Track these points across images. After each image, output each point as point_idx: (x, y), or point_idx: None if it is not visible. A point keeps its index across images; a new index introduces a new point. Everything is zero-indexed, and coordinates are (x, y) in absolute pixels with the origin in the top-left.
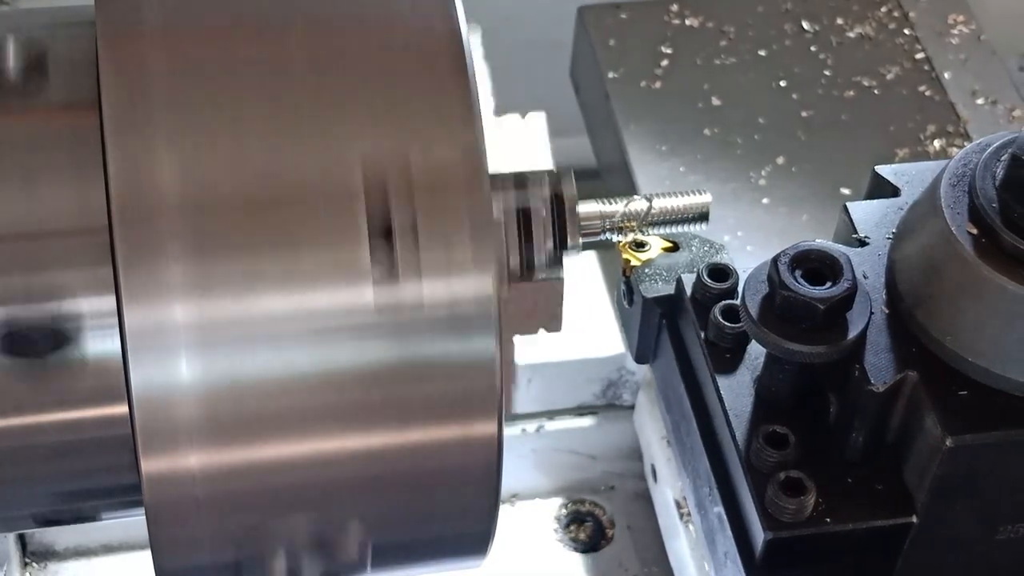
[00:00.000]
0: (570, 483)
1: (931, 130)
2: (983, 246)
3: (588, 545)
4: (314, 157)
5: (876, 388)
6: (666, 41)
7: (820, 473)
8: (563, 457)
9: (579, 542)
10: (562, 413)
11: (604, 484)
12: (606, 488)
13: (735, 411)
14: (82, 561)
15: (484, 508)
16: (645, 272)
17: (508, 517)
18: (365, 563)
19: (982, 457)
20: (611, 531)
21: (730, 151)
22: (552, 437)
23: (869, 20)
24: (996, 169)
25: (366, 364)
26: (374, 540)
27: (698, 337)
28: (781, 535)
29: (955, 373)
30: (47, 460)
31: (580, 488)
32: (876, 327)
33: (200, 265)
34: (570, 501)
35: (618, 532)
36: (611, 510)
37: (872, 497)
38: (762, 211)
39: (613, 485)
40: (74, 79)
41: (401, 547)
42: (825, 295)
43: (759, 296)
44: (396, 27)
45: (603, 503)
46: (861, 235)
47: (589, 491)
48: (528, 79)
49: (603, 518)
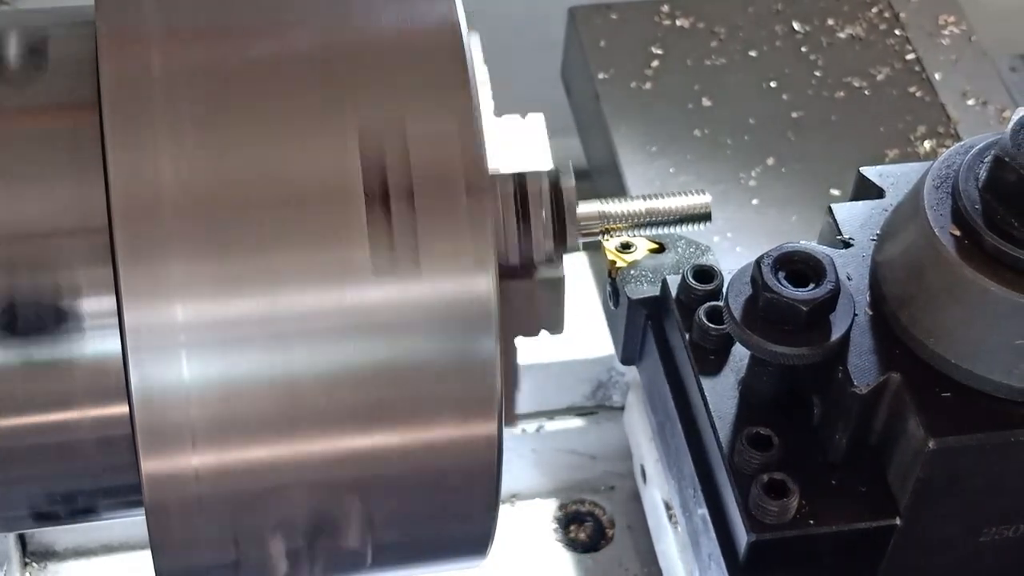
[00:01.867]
0: (570, 483)
1: (921, 131)
2: (966, 248)
3: (588, 545)
4: (314, 156)
5: (859, 390)
6: (656, 42)
7: (804, 475)
8: (563, 457)
9: (579, 542)
10: (554, 414)
11: (604, 484)
12: (606, 488)
13: (719, 413)
14: (82, 561)
15: (484, 508)
16: (631, 273)
17: (508, 517)
18: (365, 563)
19: (965, 459)
20: (611, 531)
21: (720, 152)
22: (552, 437)
23: (860, 21)
24: (979, 171)
25: (366, 364)
26: (374, 540)
27: (683, 339)
28: (764, 537)
29: (938, 375)
30: (47, 460)
31: (580, 488)
32: (859, 329)
33: (200, 265)
34: (570, 501)
35: (618, 532)
36: (611, 510)
37: (855, 499)
38: (752, 212)
39: (613, 485)
40: (74, 79)
41: (401, 547)
42: (808, 296)
43: (742, 298)
44: (395, 25)
45: (603, 503)
46: (845, 236)
47: (589, 491)
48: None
49: (603, 518)
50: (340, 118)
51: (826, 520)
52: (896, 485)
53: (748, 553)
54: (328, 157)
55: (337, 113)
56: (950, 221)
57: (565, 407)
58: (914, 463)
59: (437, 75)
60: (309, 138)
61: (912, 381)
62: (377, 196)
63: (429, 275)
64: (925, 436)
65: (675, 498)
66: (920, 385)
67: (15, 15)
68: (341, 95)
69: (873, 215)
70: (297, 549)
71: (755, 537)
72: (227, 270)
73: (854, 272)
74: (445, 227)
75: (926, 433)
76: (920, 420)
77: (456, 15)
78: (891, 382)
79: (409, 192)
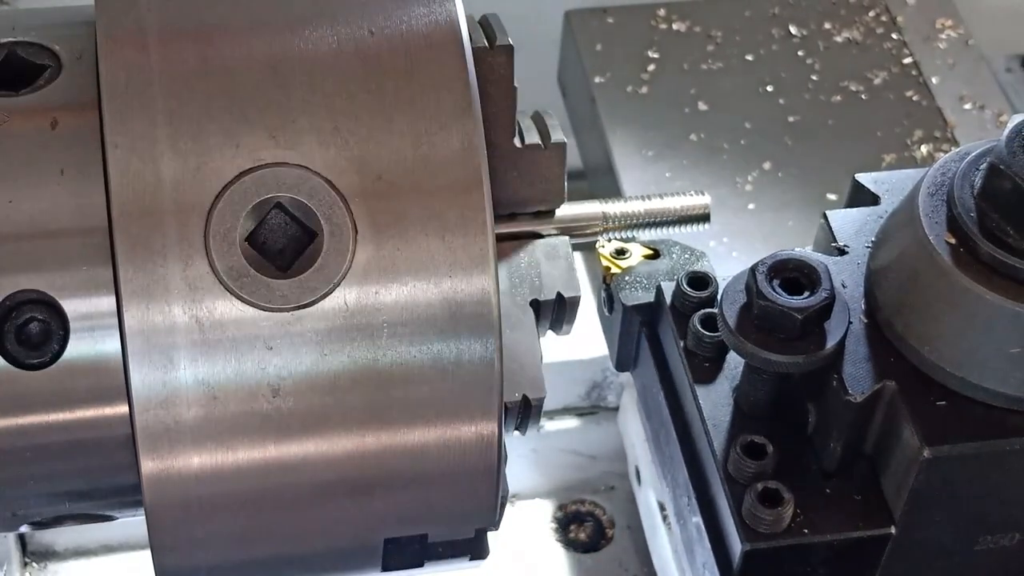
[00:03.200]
0: (570, 483)
1: (918, 135)
2: (961, 255)
3: (587, 545)
4: (314, 157)
5: (854, 398)
6: (653, 46)
7: (798, 483)
8: (563, 457)
9: (578, 542)
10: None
11: (603, 484)
12: (605, 488)
13: (713, 421)
14: (82, 561)
15: (485, 508)
16: (625, 279)
17: (508, 517)
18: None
19: (960, 467)
20: (611, 531)
21: (716, 156)
22: (552, 437)
23: (857, 25)
24: (975, 178)
25: (366, 364)
26: (374, 540)
27: (677, 346)
28: (759, 546)
29: (933, 383)
30: (47, 460)
31: (580, 488)
32: (854, 337)
33: (200, 265)
34: (569, 501)
35: (618, 532)
36: (610, 510)
37: (850, 508)
38: (748, 217)
39: (612, 485)
40: (74, 79)
41: (401, 546)
42: (803, 305)
43: (737, 305)
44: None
45: (602, 503)
46: (840, 244)
47: (589, 491)
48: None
49: (602, 518)
50: (340, 117)
51: (821, 529)
52: (891, 493)
53: (742, 562)
54: (329, 157)
55: (336, 112)
56: (945, 229)
57: (560, 408)
58: (909, 472)
59: (437, 73)
60: (307, 135)
61: (907, 389)
62: (377, 196)
63: (429, 275)
64: (920, 445)
65: (670, 505)
66: (915, 393)
67: (14, 15)
68: (340, 94)
69: (868, 222)
70: (297, 549)
71: (749, 546)
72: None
73: (849, 280)
74: (444, 226)
75: (921, 442)
76: (915, 429)
77: (457, 13)
78: (886, 390)
79: (408, 190)
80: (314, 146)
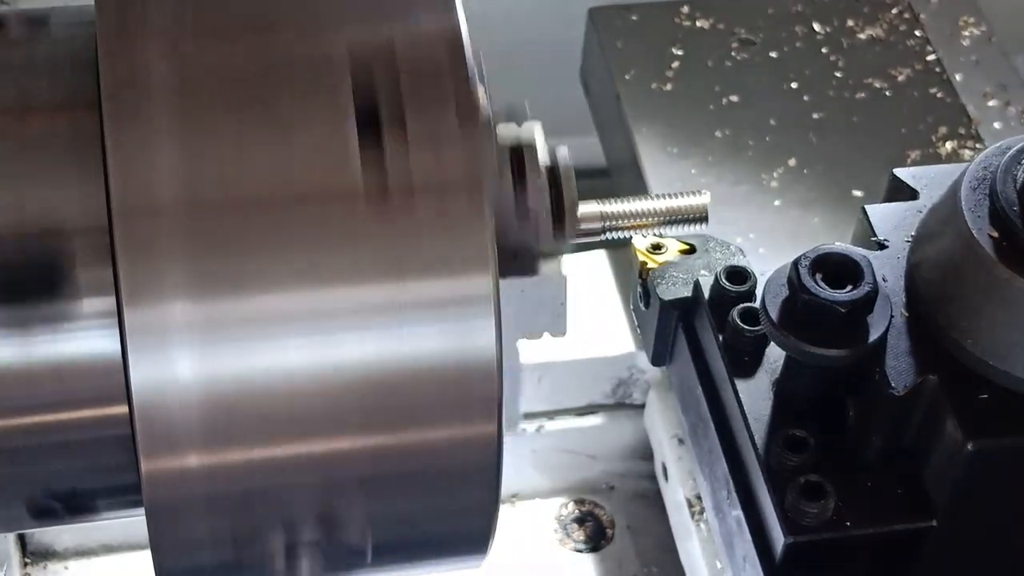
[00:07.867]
0: (570, 483)
1: (943, 132)
2: (1004, 249)
3: (588, 545)
4: (317, 159)
5: (896, 392)
6: (677, 43)
7: (839, 477)
8: (563, 457)
9: (579, 542)
10: (571, 412)
11: (604, 484)
12: (606, 488)
13: (754, 414)
14: (82, 561)
15: (484, 508)
16: (661, 274)
17: (508, 517)
18: (365, 562)
19: (1003, 461)
20: (611, 531)
21: (741, 153)
22: (553, 437)
23: (880, 22)
24: (1017, 172)
25: (367, 364)
26: (374, 540)
27: (716, 340)
28: (801, 539)
29: (976, 377)
30: (47, 460)
31: (580, 488)
32: (896, 331)
33: (200, 264)
34: (570, 501)
35: (618, 532)
36: (611, 510)
37: (891, 501)
38: (774, 213)
39: (613, 485)
40: (74, 79)
41: (401, 546)
42: (846, 298)
43: (779, 299)
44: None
45: (603, 503)
46: (880, 238)
47: (589, 491)
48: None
49: (603, 518)
50: (344, 124)
51: (862, 522)
52: (932, 487)
53: (784, 555)
54: (330, 157)
55: (348, 126)
56: (988, 223)
57: (585, 405)
58: (952, 465)
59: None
60: (313, 140)
61: (949, 383)
62: (375, 196)
63: (429, 274)
64: (963, 438)
65: (707, 499)
66: (957, 387)
67: (15, 14)
68: (340, 94)
69: (907, 217)
70: (297, 549)
71: (792, 539)
72: (228, 269)
73: (889, 274)
74: (444, 226)
75: (964, 435)
76: (958, 422)
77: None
78: (928, 384)
79: (410, 192)
80: None
